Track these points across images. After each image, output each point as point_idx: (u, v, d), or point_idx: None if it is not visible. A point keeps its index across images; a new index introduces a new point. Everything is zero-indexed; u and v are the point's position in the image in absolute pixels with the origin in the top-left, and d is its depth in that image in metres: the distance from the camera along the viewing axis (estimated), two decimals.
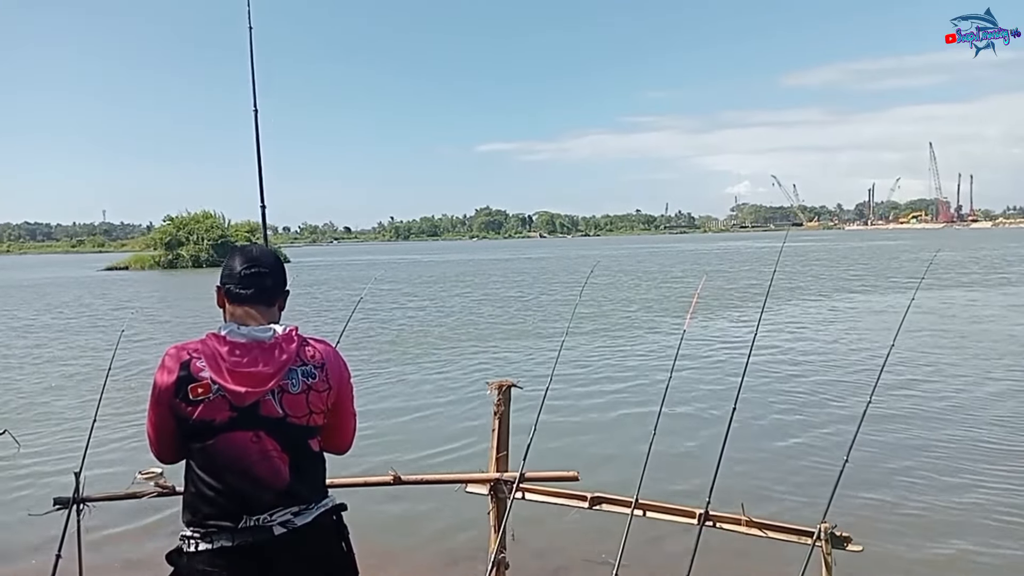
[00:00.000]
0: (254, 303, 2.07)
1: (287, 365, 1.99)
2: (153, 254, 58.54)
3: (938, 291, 22.34)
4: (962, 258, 40.91)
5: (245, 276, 2.07)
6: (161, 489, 3.28)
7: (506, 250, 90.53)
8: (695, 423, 8.35)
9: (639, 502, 3.43)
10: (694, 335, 14.34)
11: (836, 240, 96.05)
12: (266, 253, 2.16)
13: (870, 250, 58.65)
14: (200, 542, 1.95)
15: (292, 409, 2.00)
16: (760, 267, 38.24)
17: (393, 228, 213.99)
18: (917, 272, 30.05)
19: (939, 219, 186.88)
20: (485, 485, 3.68)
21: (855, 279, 29.75)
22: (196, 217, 58.37)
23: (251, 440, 1.96)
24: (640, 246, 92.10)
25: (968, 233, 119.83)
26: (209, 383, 1.93)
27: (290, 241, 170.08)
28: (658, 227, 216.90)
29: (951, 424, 8.23)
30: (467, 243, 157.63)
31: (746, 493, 4.89)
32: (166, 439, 2.04)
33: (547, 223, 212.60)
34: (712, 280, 29.86)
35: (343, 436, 2.23)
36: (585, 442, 7.87)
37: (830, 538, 3.08)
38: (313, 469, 2.08)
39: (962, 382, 10.32)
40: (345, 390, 2.15)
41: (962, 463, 6.91)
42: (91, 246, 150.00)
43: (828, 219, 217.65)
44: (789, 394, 9.83)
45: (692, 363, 11.62)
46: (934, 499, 6.06)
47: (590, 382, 10.91)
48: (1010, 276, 29.05)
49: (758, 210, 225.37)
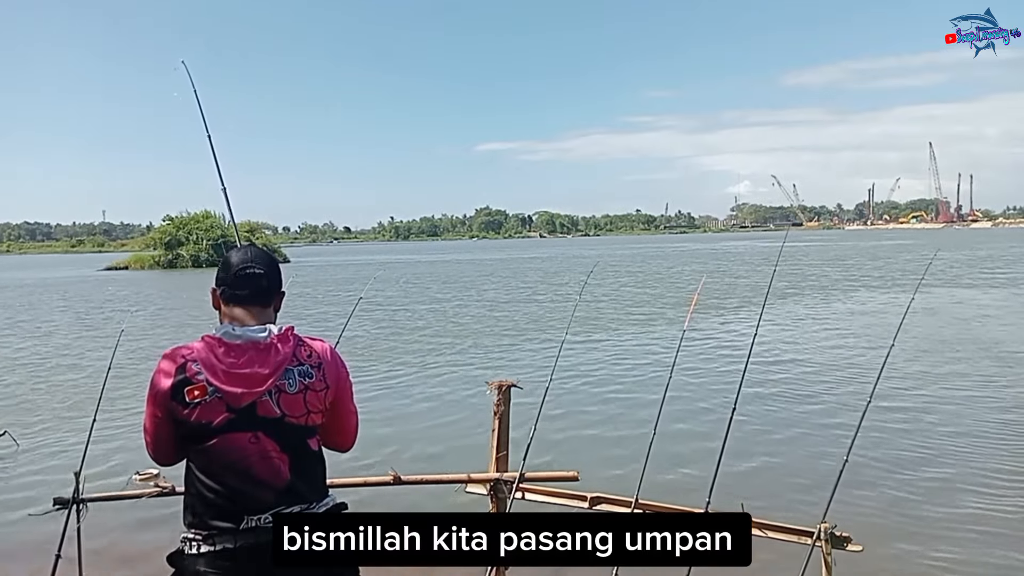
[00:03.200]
0: (249, 304, 2.06)
1: (283, 366, 1.99)
2: (153, 254, 58.45)
3: (938, 290, 22.34)
4: (962, 258, 40.92)
5: (240, 277, 2.06)
6: (161, 489, 3.28)
7: (506, 250, 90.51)
8: (695, 423, 8.35)
9: (639, 502, 3.43)
10: (694, 335, 14.34)
11: (836, 240, 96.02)
12: (261, 254, 2.15)
13: (870, 250, 58.63)
14: (202, 544, 1.95)
15: (290, 409, 2.00)
16: (760, 266, 38.25)
17: (393, 228, 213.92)
18: (917, 271, 30.05)
19: (939, 219, 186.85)
20: (485, 485, 3.69)
21: (855, 278, 29.75)
22: (196, 217, 58.26)
23: (250, 441, 1.96)
24: (640, 246, 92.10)
25: (968, 233, 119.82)
26: (205, 385, 1.94)
27: (290, 241, 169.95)
28: (658, 227, 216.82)
29: (952, 423, 8.23)
30: (467, 243, 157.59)
31: (746, 493, 4.90)
32: (163, 442, 2.05)
33: (547, 223, 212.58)
34: (712, 280, 29.86)
35: (344, 434, 2.23)
36: (585, 442, 7.87)
37: (830, 538, 3.08)
38: (313, 469, 2.08)
39: (963, 382, 10.32)
40: (343, 388, 2.14)
41: (963, 463, 6.91)
42: (91, 246, 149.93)
43: (828, 219, 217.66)
44: (789, 394, 9.82)
45: (692, 363, 11.61)
46: (935, 499, 6.06)
47: (590, 382, 10.91)
48: (1011, 276, 29.05)
49: (758, 210, 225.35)
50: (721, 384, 10.26)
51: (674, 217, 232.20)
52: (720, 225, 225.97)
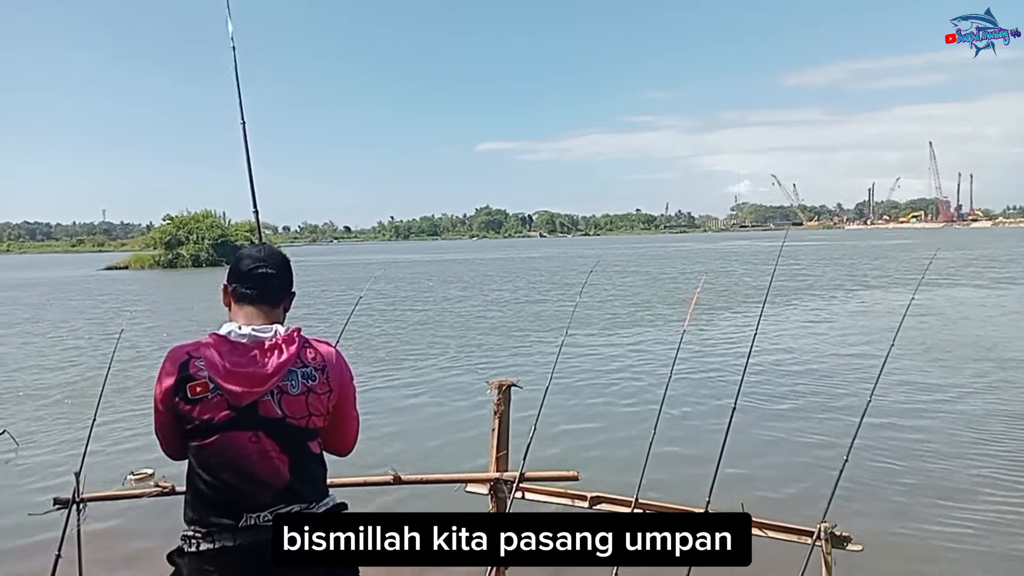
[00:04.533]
0: (259, 303, 2.07)
1: (286, 366, 1.99)
2: (153, 253, 58.46)
3: (938, 290, 22.34)
4: (962, 257, 40.91)
5: (251, 276, 2.08)
6: (161, 488, 3.28)
7: (506, 250, 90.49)
8: (695, 422, 8.35)
9: (639, 502, 3.43)
10: (694, 334, 14.34)
11: (836, 239, 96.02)
12: (273, 254, 2.16)
13: (870, 249, 58.62)
14: (202, 541, 1.95)
15: (291, 410, 2.00)
16: (760, 266, 38.25)
17: (393, 227, 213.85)
18: (917, 271, 30.06)
19: (939, 219, 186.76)
20: (485, 485, 3.68)
21: (855, 278, 29.74)
22: (196, 216, 58.27)
23: (250, 440, 1.96)
24: (640, 246, 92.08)
25: (968, 233, 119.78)
26: (207, 382, 1.94)
27: (290, 241, 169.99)
28: (658, 227, 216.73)
29: (952, 423, 8.24)
30: (467, 243, 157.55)
31: (746, 492, 4.90)
32: (171, 438, 2.06)
33: (547, 223, 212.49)
34: (712, 279, 29.86)
35: (345, 439, 2.22)
36: (585, 442, 7.87)
37: (830, 538, 3.08)
38: (313, 471, 2.07)
39: (964, 381, 10.32)
40: (347, 393, 2.14)
41: (963, 462, 6.91)
42: (91, 245, 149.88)
43: (828, 219, 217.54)
44: (789, 393, 9.82)
45: (692, 362, 11.61)
46: (935, 498, 6.06)
47: (590, 382, 10.91)
48: (1010, 275, 29.05)
49: (758, 209, 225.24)
50: (721, 384, 10.26)
51: (674, 217, 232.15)
52: (720, 225, 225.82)
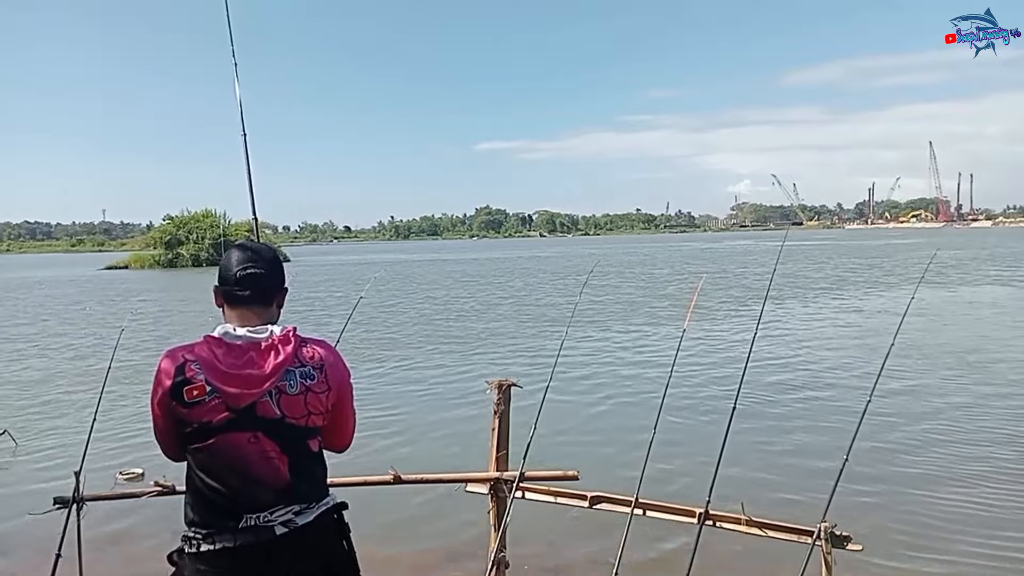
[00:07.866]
0: (252, 304, 2.07)
1: (283, 367, 1.99)
2: (153, 253, 58.43)
3: (939, 290, 22.33)
4: (962, 256, 40.91)
5: (242, 278, 2.06)
6: (161, 488, 3.28)
7: (506, 249, 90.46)
8: (695, 422, 8.35)
9: (639, 501, 3.42)
10: (694, 334, 14.32)
11: (836, 239, 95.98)
12: (262, 251, 2.15)
13: (870, 249, 58.61)
14: (202, 543, 1.95)
15: (290, 410, 2.00)
16: (760, 266, 38.23)
17: (393, 227, 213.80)
18: (917, 270, 30.04)
19: (939, 218, 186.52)
20: (485, 484, 3.68)
21: (855, 278, 29.74)
22: (196, 216, 58.26)
23: (249, 441, 1.96)
24: (640, 245, 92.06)
25: (968, 232, 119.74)
26: (204, 385, 1.94)
27: (290, 240, 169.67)
28: (658, 226, 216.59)
29: (952, 422, 8.24)
30: (467, 242, 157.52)
31: (746, 492, 4.88)
32: (170, 440, 2.06)
33: (547, 222, 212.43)
34: (712, 279, 29.86)
35: (343, 435, 2.24)
36: (585, 441, 7.87)
37: (830, 537, 3.08)
38: (313, 470, 2.08)
39: (964, 381, 10.32)
40: (345, 391, 2.15)
41: (963, 462, 6.91)
42: (91, 245, 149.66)
43: (828, 218, 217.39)
44: (789, 393, 9.82)
45: (692, 362, 11.61)
46: (935, 498, 6.06)
47: (590, 381, 10.91)
48: (1010, 275, 29.04)
49: (758, 209, 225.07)
50: (721, 383, 10.26)
51: (674, 216, 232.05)
52: (720, 224, 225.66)
